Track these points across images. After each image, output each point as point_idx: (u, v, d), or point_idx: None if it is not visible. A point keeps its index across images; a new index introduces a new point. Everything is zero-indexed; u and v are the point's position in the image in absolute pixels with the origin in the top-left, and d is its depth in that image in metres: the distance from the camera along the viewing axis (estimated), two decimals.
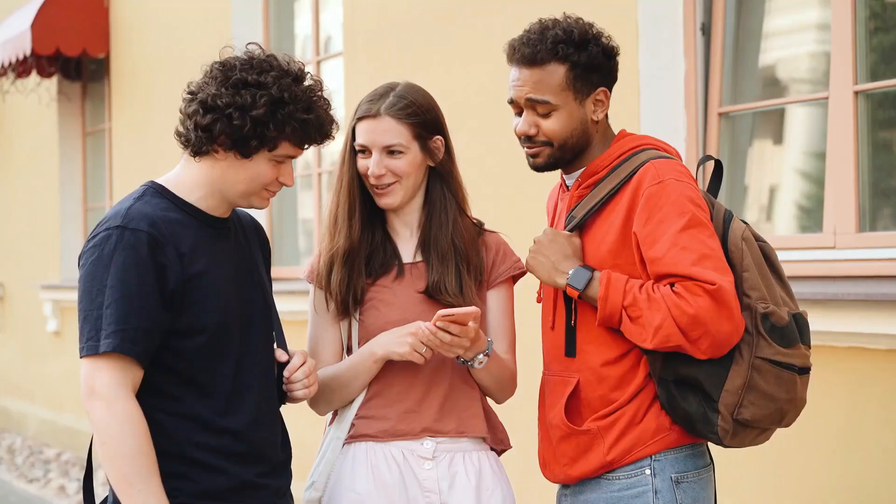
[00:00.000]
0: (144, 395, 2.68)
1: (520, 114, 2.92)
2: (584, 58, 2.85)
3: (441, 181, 3.08)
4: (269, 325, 2.90)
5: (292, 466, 2.97)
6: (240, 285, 2.83)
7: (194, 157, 2.77)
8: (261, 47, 2.78)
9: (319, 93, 2.78)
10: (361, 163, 3.02)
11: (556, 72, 2.85)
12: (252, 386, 2.80)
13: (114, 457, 2.61)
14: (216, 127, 2.68)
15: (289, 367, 2.90)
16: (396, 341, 2.95)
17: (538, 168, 2.95)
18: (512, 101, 2.92)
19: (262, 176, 2.76)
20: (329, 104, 2.81)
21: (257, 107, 2.66)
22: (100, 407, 2.62)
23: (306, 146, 2.79)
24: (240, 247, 2.89)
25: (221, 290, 2.76)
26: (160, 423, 2.69)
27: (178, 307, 2.70)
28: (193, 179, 2.79)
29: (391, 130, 3.00)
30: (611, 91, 2.93)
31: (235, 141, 2.70)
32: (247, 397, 2.78)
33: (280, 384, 2.92)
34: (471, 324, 2.84)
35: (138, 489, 2.60)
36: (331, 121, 2.80)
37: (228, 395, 2.76)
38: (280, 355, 2.91)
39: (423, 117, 3.03)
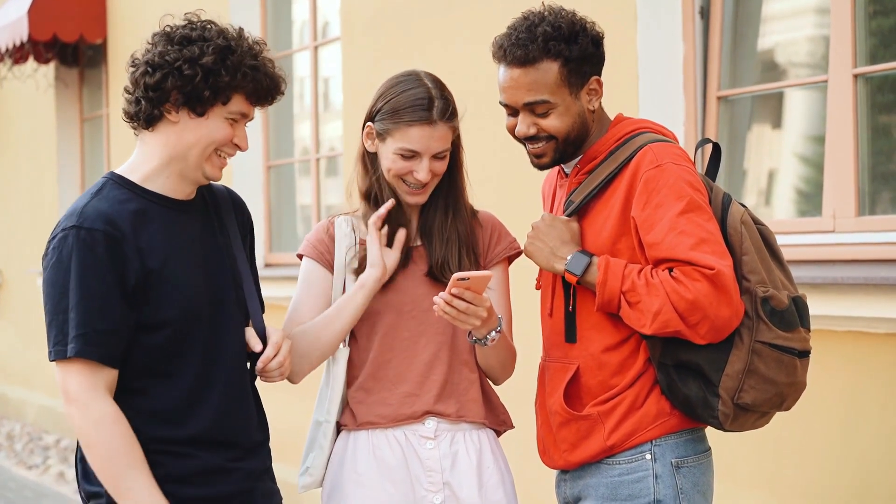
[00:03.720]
0: None
1: (513, 114, 2.90)
2: (575, 51, 2.82)
3: (447, 166, 3.08)
4: (242, 308, 2.86)
5: (286, 451, 2.96)
6: (208, 269, 2.80)
7: (147, 128, 2.74)
8: (197, 16, 2.79)
9: (264, 50, 2.78)
10: (403, 164, 2.99)
11: (550, 69, 2.82)
12: (221, 371, 2.78)
13: (99, 459, 2.63)
14: (167, 82, 2.67)
15: (262, 358, 2.85)
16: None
17: (543, 167, 2.93)
18: (505, 104, 2.90)
19: (216, 133, 2.73)
20: (274, 63, 2.79)
21: (206, 55, 2.66)
22: (77, 413, 2.63)
23: (258, 102, 2.76)
24: (210, 227, 2.85)
25: (187, 279, 2.74)
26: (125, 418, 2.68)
27: (141, 302, 2.68)
28: (150, 159, 2.76)
29: (445, 137, 3.00)
30: (601, 76, 2.91)
31: (188, 95, 2.68)
32: (215, 384, 2.77)
33: (255, 367, 2.89)
34: (484, 294, 2.83)
35: (127, 486, 2.62)
36: (280, 76, 2.79)
37: (195, 383, 2.75)
38: (253, 344, 2.86)
39: (457, 115, 3.04)
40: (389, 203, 2.99)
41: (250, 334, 2.87)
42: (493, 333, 2.94)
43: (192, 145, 2.73)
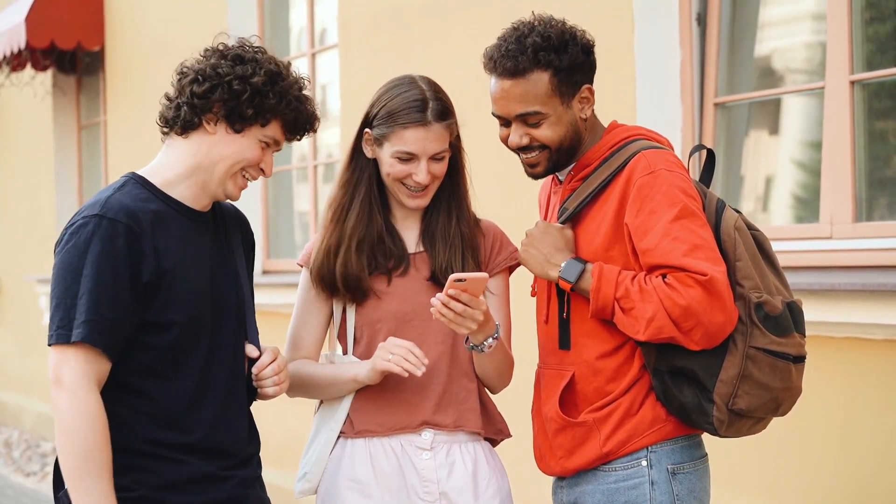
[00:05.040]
0: (108, 388, 2.68)
1: (505, 125, 2.90)
2: (565, 61, 2.82)
3: (449, 169, 3.08)
4: (241, 321, 2.89)
5: (281, 456, 2.96)
6: (214, 280, 2.82)
7: (181, 134, 2.78)
8: (250, 42, 2.84)
9: (307, 87, 2.85)
10: (401, 168, 2.99)
11: (541, 80, 2.82)
12: (219, 380, 2.80)
13: (69, 448, 2.62)
14: (214, 93, 2.72)
15: (258, 364, 2.88)
16: (375, 362, 2.94)
17: (537, 176, 2.94)
18: (498, 115, 2.90)
19: (247, 152, 2.77)
20: (313, 102, 2.86)
21: (258, 75, 2.72)
22: (64, 397, 2.63)
23: (291, 133, 2.82)
24: (218, 240, 2.88)
25: (195, 285, 2.76)
26: (122, 417, 2.69)
27: (151, 300, 2.70)
28: (176, 164, 2.80)
29: (441, 138, 3.00)
30: (593, 84, 2.91)
31: (231, 109, 2.73)
32: (211, 392, 2.78)
33: (251, 380, 2.90)
34: (481, 297, 2.83)
35: (86, 485, 2.61)
36: (317, 114, 2.86)
37: (193, 389, 2.76)
38: (251, 351, 2.89)
39: (455, 117, 3.04)
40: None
41: (248, 344, 2.90)
42: (491, 340, 2.94)
43: (222, 159, 2.77)
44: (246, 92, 2.71)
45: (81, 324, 2.62)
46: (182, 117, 2.76)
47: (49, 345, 2.67)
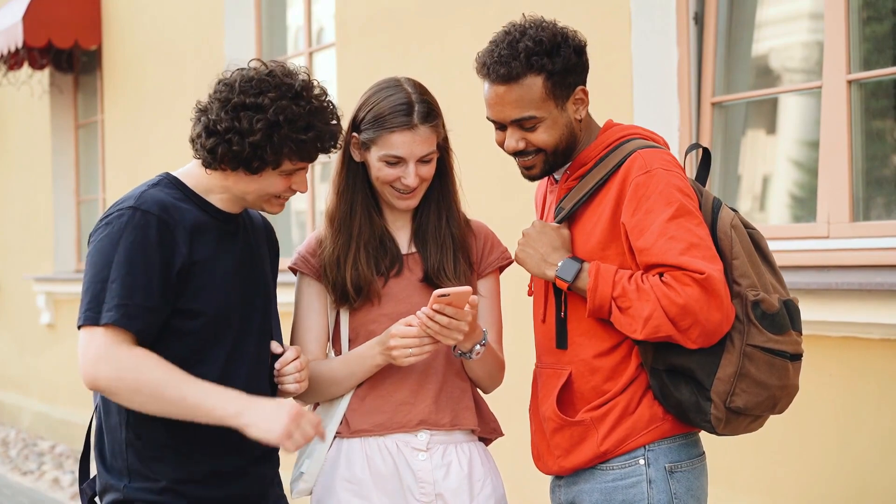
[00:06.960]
0: None
1: (501, 128, 2.90)
2: (558, 64, 2.82)
3: (438, 170, 3.08)
4: (266, 322, 2.92)
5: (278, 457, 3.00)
6: (242, 280, 2.86)
7: (206, 168, 2.81)
8: (264, 63, 2.80)
9: (322, 104, 2.79)
10: (389, 171, 2.99)
11: (534, 84, 2.82)
12: (240, 377, 2.82)
13: (153, 395, 2.65)
14: (218, 150, 2.74)
15: (281, 359, 2.92)
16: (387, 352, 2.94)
17: (534, 179, 2.94)
18: (493, 120, 2.90)
19: (271, 187, 2.81)
20: (333, 115, 2.82)
21: (254, 132, 2.70)
22: (107, 367, 2.64)
23: (310, 161, 2.82)
24: (247, 244, 2.92)
25: (223, 280, 2.81)
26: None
27: (181, 289, 2.74)
28: (208, 179, 2.84)
29: (427, 140, 2.99)
30: (587, 85, 2.91)
31: (237, 164, 2.75)
32: (234, 385, 2.78)
33: (272, 377, 2.94)
34: (467, 308, 2.84)
35: (194, 394, 2.65)
36: (333, 134, 2.82)
37: (216, 381, 2.76)
38: (274, 347, 2.94)
39: (441, 117, 3.04)
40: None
41: (272, 341, 2.94)
42: (478, 347, 2.95)
43: (248, 193, 2.82)
44: (245, 150, 2.72)
45: (113, 307, 2.65)
46: (203, 158, 2.79)
47: (78, 327, 2.69)
